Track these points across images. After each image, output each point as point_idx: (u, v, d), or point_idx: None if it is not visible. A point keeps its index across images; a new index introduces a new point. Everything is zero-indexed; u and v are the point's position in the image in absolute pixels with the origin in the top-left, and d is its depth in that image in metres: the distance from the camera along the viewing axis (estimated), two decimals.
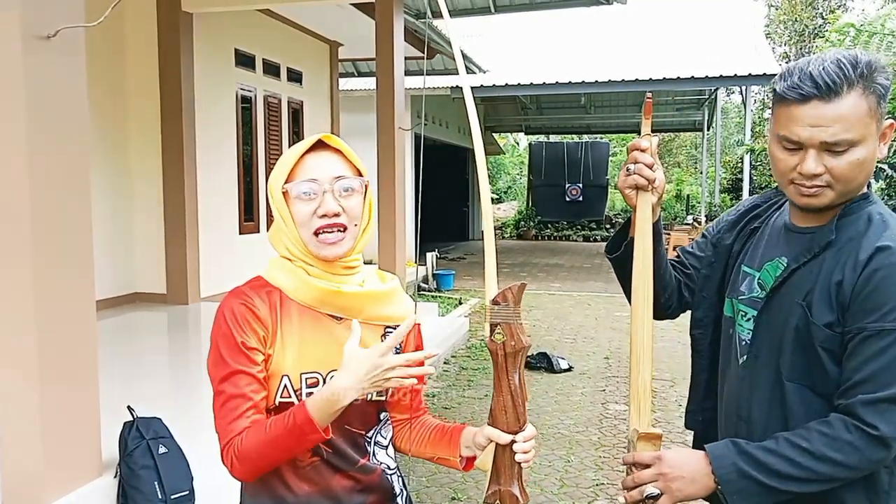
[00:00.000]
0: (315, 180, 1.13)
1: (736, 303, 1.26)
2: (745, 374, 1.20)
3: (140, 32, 6.05)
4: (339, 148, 1.17)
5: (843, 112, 1.07)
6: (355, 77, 11.70)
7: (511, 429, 1.09)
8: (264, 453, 1.07)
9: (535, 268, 12.46)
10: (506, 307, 1.09)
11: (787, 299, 1.15)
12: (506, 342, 1.09)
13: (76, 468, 2.43)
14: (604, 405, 4.74)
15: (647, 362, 1.21)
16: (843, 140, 1.08)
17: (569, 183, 19.21)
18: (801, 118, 1.09)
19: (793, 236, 1.21)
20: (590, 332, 7.20)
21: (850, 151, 1.09)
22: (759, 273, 1.23)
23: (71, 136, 2.45)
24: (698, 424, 1.35)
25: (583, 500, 3.30)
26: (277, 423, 1.07)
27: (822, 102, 1.07)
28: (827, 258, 1.13)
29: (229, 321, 1.12)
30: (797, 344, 1.13)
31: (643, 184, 1.21)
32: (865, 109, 1.07)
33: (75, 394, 2.42)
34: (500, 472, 1.10)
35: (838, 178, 1.10)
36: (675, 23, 14.02)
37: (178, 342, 5.39)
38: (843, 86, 1.07)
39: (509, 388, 1.09)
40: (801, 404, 1.13)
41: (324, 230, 1.13)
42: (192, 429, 2.84)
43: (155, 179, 6.14)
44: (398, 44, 5.96)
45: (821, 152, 1.09)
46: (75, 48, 2.45)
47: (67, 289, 2.40)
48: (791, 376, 1.13)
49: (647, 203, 1.22)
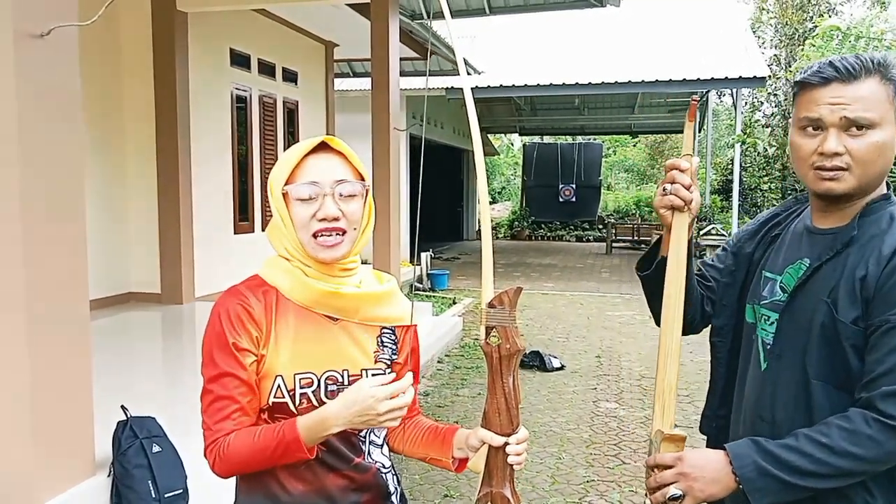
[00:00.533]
0: (316, 183, 1.12)
1: (758, 308, 1.26)
2: (768, 376, 1.20)
3: (134, 32, 6.05)
4: (341, 151, 1.16)
5: (862, 93, 1.12)
6: (351, 77, 11.69)
7: (504, 431, 1.10)
8: (248, 459, 1.09)
9: (528, 268, 12.49)
10: (501, 310, 1.10)
11: (812, 297, 1.15)
12: (501, 345, 1.09)
13: (69, 467, 2.43)
14: (595, 403, 4.77)
15: (673, 364, 1.19)
16: (862, 118, 1.11)
17: (562, 183, 19.27)
18: (822, 98, 1.14)
19: (815, 238, 1.21)
20: (582, 331, 7.23)
21: (870, 133, 1.12)
22: (781, 276, 1.23)
23: (64, 135, 2.46)
24: (712, 430, 1.36)
25: (573, 496, 3.33)
26: (266, 433, 1.08)
27: (842, 84, 1.12)
28: (850, 254, 1.14)
29: (223, 321, 1.12)
30: (823, 341, 1.13)
31: (679, 204, 1.20)
32: (885, 94, 1.12)
33: (68, 393, 2.42)
34: (493, 474, 1.11)
35: (857, 160, 1.12)
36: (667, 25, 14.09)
37: (173, 342, 5.39)
38: (862, 71, 1.12)
39: (503, 390, 1.10)
40: (827, 403, 1.12)
41: (322, 233, 1.13)
42: (186, 428, 2.85)
43: (149, 179, 6.13)
44: (393, 44, 5.98)
45: (841, 132, 1.13)
46: (68, 47, 2.45)
47: (60, 288, 2.41)
48: (818, 374, 1.13)
49: (683, 224, 1.21)
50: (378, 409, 1.05)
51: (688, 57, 12.03)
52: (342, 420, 1.06)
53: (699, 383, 5.26)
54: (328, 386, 1.14)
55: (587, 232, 18.58)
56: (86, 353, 2.51)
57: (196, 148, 6.28)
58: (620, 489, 3.41)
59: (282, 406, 1.12)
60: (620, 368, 5.75)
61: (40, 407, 2.30)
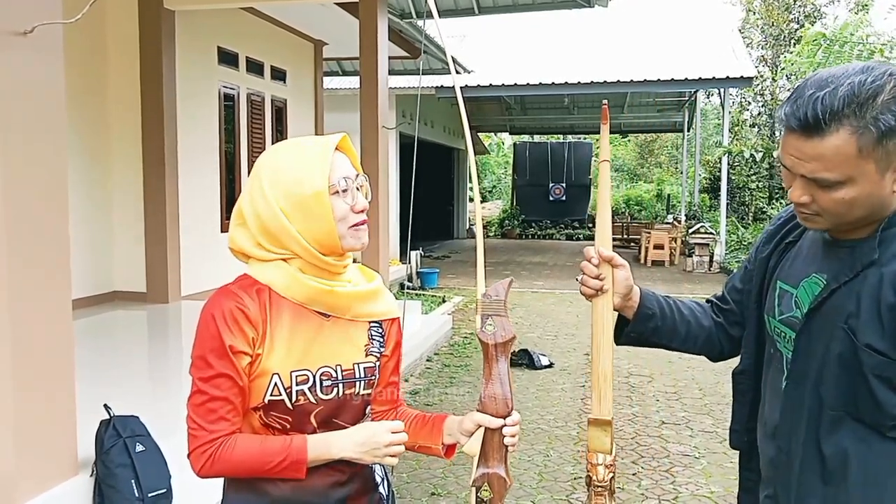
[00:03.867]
0: (348, 178, 1.16)
1: (775, 322, 1.19)
2: (787, 399, 1.13)
3: (121, 30, 6.00)
4: (349, 150, 1.21)
5: (821, 151, 0.99)
6: (340, 76, 11.67)
7: (500, 414, 1.15)
8: (246, 464, 1.12)
9: (518, 266, 12.52)
10: (497, 300, 1.16)
11: (828, 322, 1.06)
12: (496, 332, 1.15)
13: (51, 467, 2.41)
14: (583, 401, 4.79)
15: (606, 353, 1.24)
16: (821, 178, 1.01)
17: (552, 182, 19.34)
18: (787, 146, 1.04)
19: (832, 250, 1.12)
20: (571, 329, 7.26)
21: (836, 189, 1.01)
22: (797, 291, 1.15)
23: (47, 133, 2.44)
24: (743, 444, 1.29)
25: (561, 493, 3.35)
26: (274, 444, 1.12)
27: (803, 137, 1.01)
28: (869, 276, 1.03)
29: (218, 321, 1.11)
30: (841, 370, 1.04)
31: (589, 293, 1.24)
32: (854, 150, 0.97)
33: (50, 392, 2.41)
34: (489, 456, 1.16)
35: (825, 211, 1.04)
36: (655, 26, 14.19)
37: (158, 341, 5.35)
38: (828, 123, 0.97)
39: (499, 375, 1.15)
40: (843, 435, 1.05)
41: (359, 224, 1.17)
42: (170, 427, 2.84)
43: (135, 177, 6.09)
44: (382, 43, 5.97)
45: (808, 182, 1.04)
46: (53, 45, 2.43)
47: (43, 286, 2.39)
48: (835, 405, 1.06)
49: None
50: (383, 440, 1.14)
51: (676, 57, 12.13)
52: (348, 448, 1.14)
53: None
54: (323, 382, 1.16)
55: (577, 231, 18.64)
56: (69, 352, 2.49)
57: (183, 146, 6.24)
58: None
59: (278, 404, 1.13)
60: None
61: (22, 406, 2.28)
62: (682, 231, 13.46)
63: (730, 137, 12.19)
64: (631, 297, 1.28)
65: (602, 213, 1.27)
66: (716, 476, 3.57)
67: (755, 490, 1.25)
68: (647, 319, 1.30)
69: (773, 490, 1.17)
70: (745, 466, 1.29)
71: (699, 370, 5.52)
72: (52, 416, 2.41)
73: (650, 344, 1.35)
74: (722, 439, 3.98)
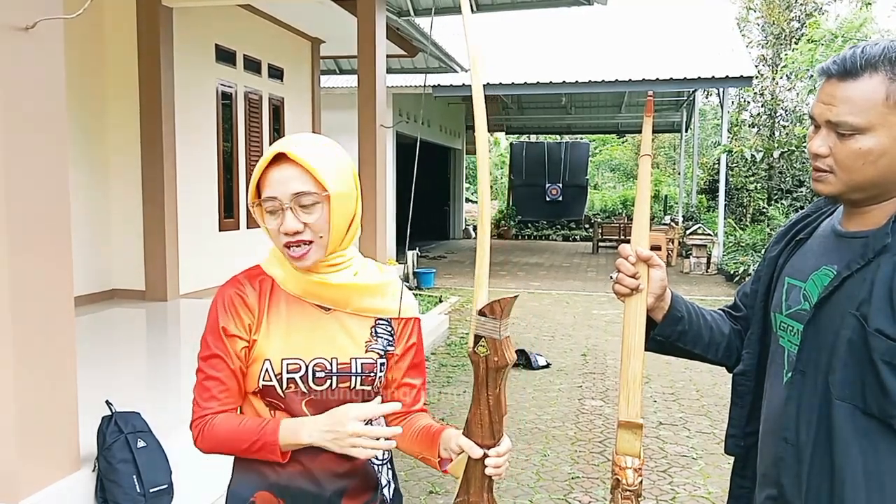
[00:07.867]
0: (275, 198, 1.13)
1: (781, 317, 1.17)
2: (792, 393, 1.11)
3: (119, 27, 5.99)
4: (299, 162, 1.13)
5: (851, 94, 1.02)
6: (337, 74, 11.65)
7: (485, 443, 1.07)
8: (228, 443, 1.16)
9: (514, 266, 12.54)
10: (493, 320, 1.04)
11: (838, 310, 1.05)
12: (489, 357, 1.04)
13: (53, 462, 2.41)
14: (580, 401, 4.81)
15: (637, 354, 1.18)
16: (844, 122, 1.02)
17: (549, 183, 19.36)
18: (820, 94, 1.07)
19: (843, 242, 1.11)
20: (568, 329, 7.28)
21: (856, 138, 1.02)
22: (805, 284, 1.14)
23: (48, 129, 2.43)
24: (740, 450, 1.26)
25: (558, 493, 3.36)
26: (250, 425, 1.15)
27: (837, 81, 1.04)
28: (882, 263, 1.02)
29: (219, 306, 1.19)
30: (851, 358, 1.03)
31: (624, 293, 1.19)
32: (882, 96, 1.01)
33: (52, 388, 2.41)
34: (470, 483, 1.08)
35: (839, 165, 1.05)
36: (654, 24, 14.19)
37: (157, 338, 5.34)
38: (864, 68, 1.01)
39: (487, 403, 1.06)
40: (850, 425, 1.04)
41: (290, 245, 1.15)
42: (171, 423, 2.84)
43: (134, 175, 6.08)
44: (380, 41, 5.97)
45: (830, 133, 1.05)
46: (54, 41, 2.43)
47: (45, 283, 2.39)
48: (842, 394, 1.04)
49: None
50: (347, 429, 1.08)
51: (675, 56, 12.12)
52: (315, 433, 1.11)
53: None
54: (316, 372, 1.18)
55: (573, 231, 18.68)
56: (70, 348, 2.50)
57: (181, 144, 6.23)
58: (605, 485, 3.44)
59: (270, 390, 1.18)
60: (606, 366, 5.80)
61: (24, 403, 2.29)
62: (679, 232, 13.50)
63: (728, 138, 12.19)
64: (664, 298, 1.24)
65: (640, 210, 1.20)
66: (713, 477, 3.59)
67: (746, 497, 1.24)
68: (675, 322, 1.26)
69: (776, 490, 1.14)
70: (739, 473, 1.27)
71: (696, 371, 5.54)
72: (54, 412, 2.41)
73: (673, 349, 1.29)
74: (719, 440, 4.00)
